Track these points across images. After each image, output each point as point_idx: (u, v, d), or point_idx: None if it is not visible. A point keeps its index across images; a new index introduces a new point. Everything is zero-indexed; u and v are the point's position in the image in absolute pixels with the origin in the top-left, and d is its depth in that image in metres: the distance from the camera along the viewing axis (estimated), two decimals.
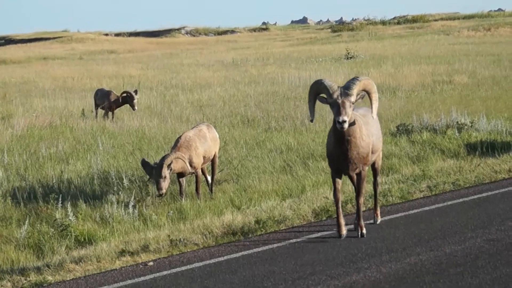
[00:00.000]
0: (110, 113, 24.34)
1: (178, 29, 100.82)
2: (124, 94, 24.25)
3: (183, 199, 13.58)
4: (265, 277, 9.59)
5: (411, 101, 24.41)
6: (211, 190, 14.48)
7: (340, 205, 11.19)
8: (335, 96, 10.45)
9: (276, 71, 37.73)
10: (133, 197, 13.35)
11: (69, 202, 12.87)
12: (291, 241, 10.62)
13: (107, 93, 24.62)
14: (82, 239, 11.97)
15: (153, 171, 13.06)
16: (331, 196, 13.30)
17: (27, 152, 18.18)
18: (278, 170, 15.77)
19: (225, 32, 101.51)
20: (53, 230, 12.13)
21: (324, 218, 12.42)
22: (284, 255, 10.50)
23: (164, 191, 13.06)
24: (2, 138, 20.48)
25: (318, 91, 10.81)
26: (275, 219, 12.22)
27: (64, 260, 10.80)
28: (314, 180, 14.74)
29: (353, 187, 11.83)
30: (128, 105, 24.48)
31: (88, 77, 40.90)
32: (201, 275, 9.55)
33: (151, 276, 9.93)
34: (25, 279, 10.07)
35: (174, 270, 10.18)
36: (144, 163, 13.30)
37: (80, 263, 10.67)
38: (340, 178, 11.23)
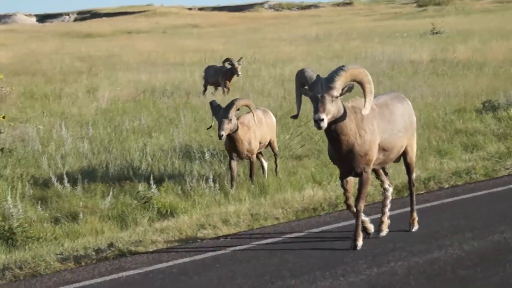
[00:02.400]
0: (225, 88, 23.75)
1: (261, 4, 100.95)
2: (227, 62, 23.63)
3: (233, 188, 13.03)
4: (344, 252, 9.55)
5: (498, 77, 23.94)
6: (276, 171, 14.00)
7: (359, 214, 9.74)
8: (314, 89, 9.00)
9: (360, 46, 37.44)
10: (214, 171, 13.44)
11: (152, 175, 13.01)
12: (373, 217, 10.54)
13: (220, 69, 24.06)
14: (164, 212, 12.11)
15: (221, 111, 12.65)
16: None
17: (111, 125, 18.44)
18: None
19: (308, 7, 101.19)
20: (136, 202, 12.31)
21: (406, 195, 12.29)
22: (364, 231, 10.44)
23: (224, 133, 12.47)
24: (88, 111, 20.83)
25: (301, 82, 9.32)
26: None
27: (147, 232, 10.95)
28: None
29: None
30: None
31: (171, 51, 41.25)
32: (281, 249, 9.57)
33: (231, 249, 9.99)
34: (109, 249, 10.24)
35: (254, 244, 10.22)
36: (213, 103, 12.94)
37: (162, 234, 10.79)
38: (347, 179, 9.73)
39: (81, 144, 15.92)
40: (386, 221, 10.28)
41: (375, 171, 10.36)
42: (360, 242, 9.66)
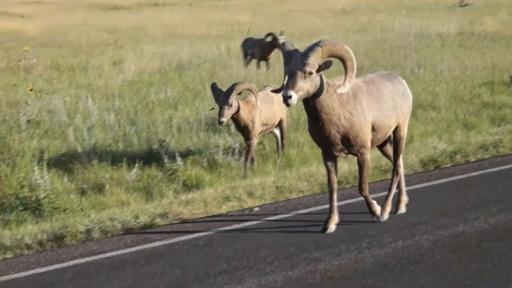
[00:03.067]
0: (264, 62, 23.28)
1: None
2: (269, 37, 22.87)
3: (246, 170, 12.72)
4: (370, 225, 9.53)
5: None
6: (282, 149, 13.61)
7: (333, 197, 9.40)
8: (288, 64, 8.66)
9: (387, 19, 37.17)
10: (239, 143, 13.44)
11: (177, 147, 13.04)
12: (397, 190, 10.50)
13: (258, 42, 23.37)
14: (190, 184, 12.16)
15: (221, 95, 12.34)
16: (440, 145, 13.15)
17: (137, 97, 18.48)
18: None
19: None
20: (161, 174, 12.36)
21: (432, 169, 12.25)
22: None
23: (224, 119, 12.21)
24: (114, 83, 20.88)
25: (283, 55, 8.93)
26: (382, 168, 12.13)
27: (172, 204, 10.99)
28: (423, 130, 14.56)
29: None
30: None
31: (198, 23, 41.16)
32: (306, 221, 9.57)
33: (257, 221, 10.01)
34: (135, 221, 10.29)
35: (279, 216, 10.23)
36: (214, 87, 12.58)
37: (188, 207, 10.82)
38: (332, 161, 9.33)
39: (107, 116, 15.97)
40: (404, 198, 10.12)
41: (381, 150, 10.32)
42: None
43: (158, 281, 7.99)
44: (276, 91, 9.19)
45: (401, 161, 10.03)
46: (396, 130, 9.75)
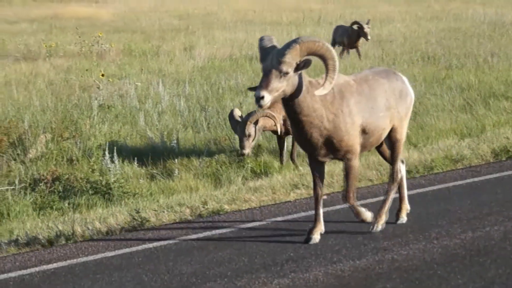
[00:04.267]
0: (354, 49, 23.10)
1: None
2: (355, 26, 22.74)
3: (283, 164, 12.56)
4: (439, 215, 9.42)
5: None
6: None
7: (318, 204, 8.78)
8: (263, 61, 7.93)
9: (460, 7, 36.67)
10: None
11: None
12: (468, 180, 10.37)
13: (346, 30, 23.20)
14: (258, 171, 12.16)
15: (238, 126, 12.01)
16: (511, 134, 12.93)
17: (208, 83, 18.54)
18: (457, 108, 15.41)
19: None
20: (230, 160, 12.38)
21: (504, 159, 12.04)
22: (460, 194, 10.27)
23: (246, 151, 11.83)
24: (185, 69, 20.99)
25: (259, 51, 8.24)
26: (452, 158, 11.97)
27: (240, 190, 11.01)
28: (495, 119, 14.33)
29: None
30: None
31: (269, 9, 41.13)
32: (374, 210, 9.48)
33: (325, 209, 9.94)
34: (203, 207, 10.33)
35: (347, 205, 10.17)
36: (231, 116, 12.26)
37: (256, 193, 10.83)
38: (318, 165, 8.67)
39: (178, 101, 16.06)
40: (405, 206, 9.34)
41: (379, 152, 9.48)
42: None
43: (225, 267, 8.01)
44: (251, 89, 8.39)
45: (400, 166, 9.17)
46: (391, 132, 8.89)
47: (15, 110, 14.25)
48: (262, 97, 7.68)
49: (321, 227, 8.77)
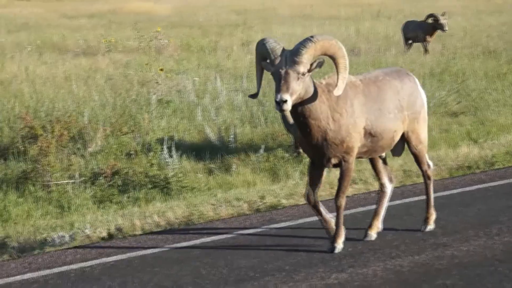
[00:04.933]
0: (425, 43, 22.54)
1: None
2: (430, 19, 22.25)
3: None
4: (500, 211, 9.30)
5: None
6: None
7: (319, 210, 8.47)
8: (277, 63, 7.55)
9: None
10: None
11: None
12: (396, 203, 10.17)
13: (420, 24, 22.72)
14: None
15: (291, 125, 12.17)
16: None
17: (265, 78, 18.46)
18: None
19: None
20: (288, 155, 12.36)
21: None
22: None
23: (301, 149, 11.72)
24: (242, 64, 21.00)
25: (262, 54, 7.82)
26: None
27: (298, 185, 10.99)
28: None
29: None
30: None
31: (326, 4, 41.00)
32: (434, 206, 9.39)
33: None
34: (261, 201, 10.35)
35: (406, 200, 10.09)
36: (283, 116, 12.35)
37: None
38: (318, 173, 8.29)
39: (235, 96, 16.08)
40: (377, 224, 8.76)
41: (371, 162, 8.93)
42: (340, 244, 8.25)
43: (283, 262, 8.00)
44: (252, 96, 8.29)
45: (386, 186, 8.84)
46: (409, 137, 8.58)
47: (75, 105, 14.40)
48: (285, 101, 7.33)
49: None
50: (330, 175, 11.01)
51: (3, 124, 13.16)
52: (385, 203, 8.85)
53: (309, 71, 7.54)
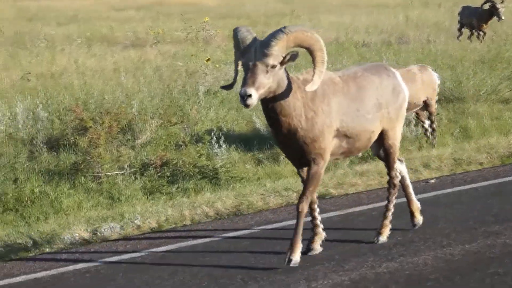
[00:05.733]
0: (479, 32, 22.24)
1: None
2: (486, 5, 21.85)
3: (434, 145, 12.49)
4: None
5: None
6: (432, 140, 12.64)
7: (314, 210, 8.08)
8: (246, 54, 7.05)
9: None
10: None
11: None
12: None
13: (475, 10, 22.31)
14: (365, 155, 12.07)
15: None
16: None
17: (311, 66, 18.40)
18: None
19: None
20: None
21: None
22: None
23: None
24: None
25: (236, 44, 7.34)
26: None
27: (347, 174, 10.95)
28: None
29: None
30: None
31: None
32: (484, 194, 9.30)
33: (433, 193, 9.83)
34: None
35: (457, 188, 10.00)
36: None
37: (362, 178, 10.76)
38: (304, 170, 7.76)
39: None
40: (416, 207, 8.53)
41: (380, 158, 8.46)
42: (297, 256, 7.55)
43: (332, 251, 7.98)
44: (225, 87, 7.68)
45: (400, 168, 8.38)
46: (383, 136, 8.03)
47: (124, 96, 14.50)
48: (250, 95, 6.81)
49: (320, 235, 8.03)
50: (379, 164, 10.95)
51: (53, 117, 13.30)
52: (410, 184, 8.53)
53: (281, 64, 7.01)
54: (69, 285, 7.59)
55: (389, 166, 8.22)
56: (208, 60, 17.46)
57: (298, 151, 7.41)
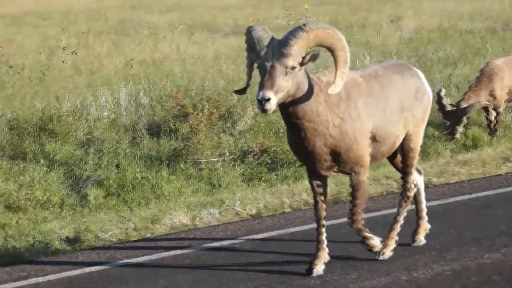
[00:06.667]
0: None
1: None
2: None
3: (495, 136, 12.33)
4: None
5: None
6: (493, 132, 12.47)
7: (321, 228, 7.31)
8: (263, 55, 6.52)
9: None
10: None
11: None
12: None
13: None
14: (467, 144, 11.87)
15: (449, 114, 12.08)
16: None
17: (415, 55, 18.23)
18: None
19: None
20: (438, 133, 12.15)
21: None
22: None
23: (458, 136, 12.04)
24: (391, 41, 20.74)
25: (250, 44, 6.83)
26: None
27: (449, 163, 10.79)
28: None
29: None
30: None
31: None
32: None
33: None
34: None
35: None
36: (439, 97, 12.09)
37: (465, 167, 10.59)
38: (320, 181, 7.20)
39: None
40: (424, 225, 7.88)
41: (390, 160, 7.87)
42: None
43: (434, 240, 7.87)
44: (238, 91, 7.25)
45: (415, 179, 7.74)
46: (405, 140, 7.43)
47: (224, 83, 14.59)
48: (268, 99, 6.31)
49: (325, 256, 7.35)
50: (482, 153, 10.74)
51: (155, 103, 13.48)
52: (424, 200, 7.87)
53: (301, 64, 6.53)
54: (169, 271, 7.68)
55: (406, 174, 7.58)
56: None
57: (328, 160, 6.89)
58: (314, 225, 8.20)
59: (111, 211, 10.05)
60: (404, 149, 7.46)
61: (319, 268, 7.25)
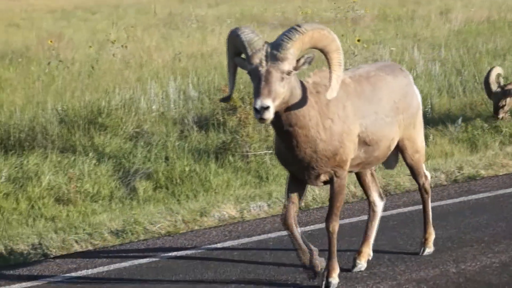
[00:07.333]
0: None
1: None
2: None
3: None
4: None
5: None
6: None
7: (297, 239, 6.78)
8: (256, 60, 6.01)
9: None
10: None
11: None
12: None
13: None
14: None
15: (493, 93, 12.20)
16: None
17: (464, 47, 18.10)
18: None
19: None
20: (487, 125, 12.07)
21: None
22: None
23: (500, 115, 12.17)
24: (440, 33, 20.61)
25: (236, 48, 6.31)
26: None
27: (497, 155, 10.72)
28: None
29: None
30: None
31: None
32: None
33: None
34: (458, 172, 10.16)
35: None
36: (487, 78, 12.32)
37: None
38: (297, 189, 6.72)
39: (433, 66, 15.81)
40: (367, 250, 7.33)
41: (358, 176, 7.49)
42: (336, 278, 6.83)
43: (482, 233, 7.85)
44: (224, 99, 7.04)
45: (376, 203, 7.49)
46: (403, 145, 7.18)
47: None
48: (267, 108, 5.82)
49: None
50: None
51: (203, 96, 13.56)
52: (376, 226, 7.44)
53: (295, 69, 6.08)
54: (217, 263, 7.75)
55: (417, 177, 7.45)
56: (358, 40, 17.37)
57: (318, 167, 6.48)
58: (361, 218, 8.23)
59: (159, 203, 10.13)
60: (407, 153, 7.25)
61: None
